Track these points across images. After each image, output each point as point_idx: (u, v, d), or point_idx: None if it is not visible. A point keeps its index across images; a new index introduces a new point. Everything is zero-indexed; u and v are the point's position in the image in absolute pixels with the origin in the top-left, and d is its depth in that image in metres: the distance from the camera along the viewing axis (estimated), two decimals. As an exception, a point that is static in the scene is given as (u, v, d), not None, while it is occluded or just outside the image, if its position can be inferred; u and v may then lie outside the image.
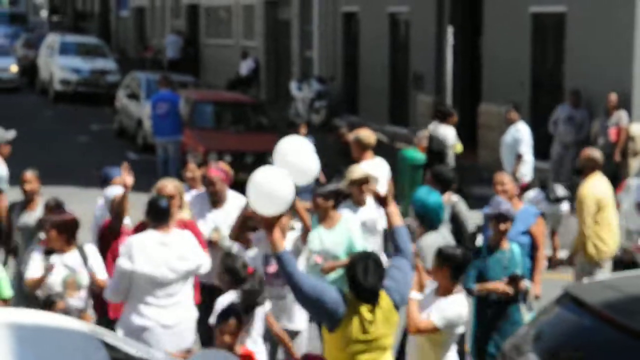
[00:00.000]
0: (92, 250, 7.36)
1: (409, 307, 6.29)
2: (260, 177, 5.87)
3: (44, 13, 45.98)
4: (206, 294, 7.62)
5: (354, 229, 7.88)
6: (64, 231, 7.17)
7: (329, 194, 7.95)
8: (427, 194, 7.70)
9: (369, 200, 8.38)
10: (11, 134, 12.08)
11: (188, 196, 8.36)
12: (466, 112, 18.28)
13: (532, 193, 11.03)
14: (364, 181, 8.36)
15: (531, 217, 8.37)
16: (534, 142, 15.27)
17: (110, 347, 5.23)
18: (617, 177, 13.79)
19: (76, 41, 31.00)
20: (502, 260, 7.45)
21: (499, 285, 7.32)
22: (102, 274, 7.24)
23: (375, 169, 10.09)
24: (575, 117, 15.20)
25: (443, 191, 8.29)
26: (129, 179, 7.66)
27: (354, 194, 8.42)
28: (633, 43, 14.72)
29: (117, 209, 7.79)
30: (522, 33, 17.23)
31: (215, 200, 8.32)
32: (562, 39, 16.35)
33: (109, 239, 7.73)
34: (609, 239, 9.03)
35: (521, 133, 13.74)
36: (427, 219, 7.58)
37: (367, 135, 10.50)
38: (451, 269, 6.37)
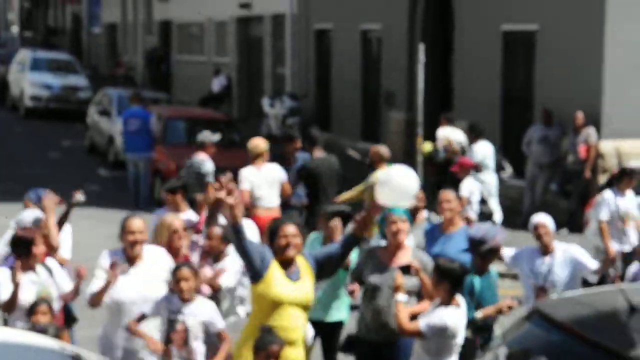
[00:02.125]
0: (54, 264, 7.33)
1: (396, 308, 6.63)
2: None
3: (15, 29, 45.71)
4: None
5: None
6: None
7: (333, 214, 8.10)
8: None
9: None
10: (216, 137, 12.92)
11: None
12: (437, 129, 18.36)
13: None
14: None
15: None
16: (510, 158, 15.44)
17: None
18: (587, 194, 13.89)
19: (47, 57, 30.91)
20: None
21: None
22: (68, 286, 7.20)
23: (267, 174, 11.34)
24: (549, 137, 15.24)
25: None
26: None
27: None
28: (602, 61, 14.83)
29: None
30: (493, 51, 17.32)
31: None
32: (533, 57, 16.45)
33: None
34: None
35: (474, 154, 13.83)
36: None
37: (255, 144, 11.49)
38: (450, 283, 6.55)
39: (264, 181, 11.49)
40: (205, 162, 12.67)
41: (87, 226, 7.81)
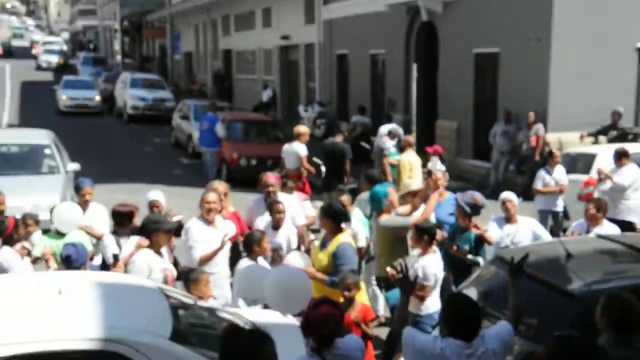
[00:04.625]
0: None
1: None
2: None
3: (118, 57, 46.01)
4: None
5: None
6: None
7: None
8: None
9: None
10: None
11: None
12: (427, 126, 18.37)
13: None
14: (416, 193, 7.81)
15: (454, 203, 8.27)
16: (477, 148, 15.35)
17: (169, 297, 5.23)
18: (536, 172, 13.91)
19: (142, 77, 31.07)
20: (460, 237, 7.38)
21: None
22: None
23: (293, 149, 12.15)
24: (509, 131, 15.20)
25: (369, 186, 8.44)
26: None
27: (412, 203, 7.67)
28: (548, 74, 14.75)
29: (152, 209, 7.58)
30: (467, 68, 17.25)
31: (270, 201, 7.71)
32: (497, 72, 16.38)
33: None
34: None
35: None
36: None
37: (296, 127, 12.49)
38: (427, 237, 6.45)
39: (290, 153, 12.42)
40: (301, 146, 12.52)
41: (175, 200, 7.82)
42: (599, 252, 6.12)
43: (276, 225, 7.44)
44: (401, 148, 12.32)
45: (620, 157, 10.34)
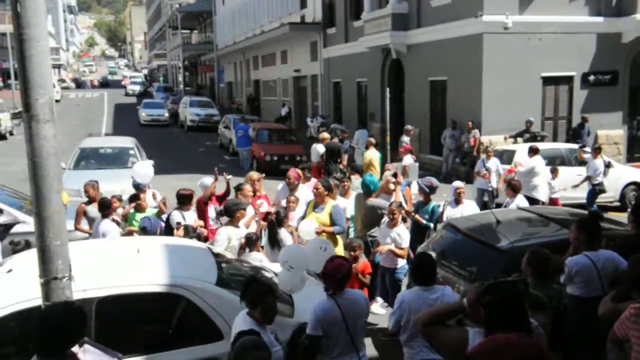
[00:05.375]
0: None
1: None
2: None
3: (181, 86, 45.85)
4: None
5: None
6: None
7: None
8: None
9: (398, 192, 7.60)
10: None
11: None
12: (397, 132, 18.23)
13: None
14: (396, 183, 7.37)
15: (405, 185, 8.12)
16: (433, 147, 15.21)
17: (215, 254, 5.15)
18: (473, 163, 13.78)
19: (198, 99, 30.88)
20: (422, 209, 7.24)
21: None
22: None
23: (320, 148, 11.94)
24: (455, 135, 15.09)
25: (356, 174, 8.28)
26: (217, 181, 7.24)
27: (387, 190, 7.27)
28: (481, 93, 14.59)
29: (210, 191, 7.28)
30: (424, 90, 17.07)
31: (292, 188, 7.38)
32: (445, 93, 16.20)
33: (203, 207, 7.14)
34: None
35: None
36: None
37: (322, 134, 12.89)
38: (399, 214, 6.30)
39: (314, 151, 12.91)
40: (322, 147, 12.87)
41: (220, 184, 7.68)
42: (520, 219, 6.02)
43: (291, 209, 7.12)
44: (366, 146, 12.36)
45: (532, 152, 10.25)
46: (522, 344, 2.48)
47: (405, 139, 14.39)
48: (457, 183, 7.70)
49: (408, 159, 10.85)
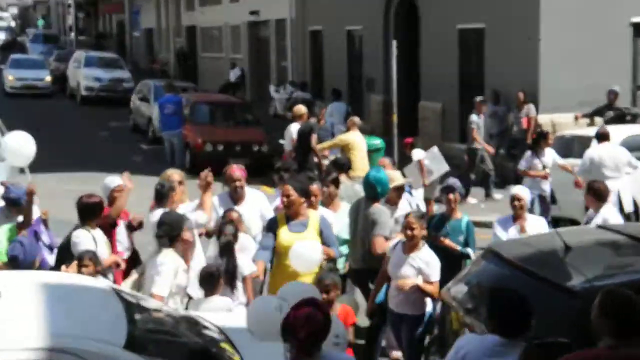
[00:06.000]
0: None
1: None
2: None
3: (72, 34, 45.41)
4: None
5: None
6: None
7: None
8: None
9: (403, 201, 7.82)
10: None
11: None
12: (408, 108, 18.27)
13: None
14: (401, 188, 7.74)
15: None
16: (464, 131, 15.30)
17: (126, 300, 5.09)
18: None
19: (98, 56, 30.67)
20: (447, 226, 7.27)
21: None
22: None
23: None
24: (498, 112, 15.20)
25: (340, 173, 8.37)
26: (130, 184, 7.28)
27: (391, 197, 7.55)
28: (538, 50, 14.74)
29: (115, 201, 7.18)
30: (450, 45, 17.17)
31: (237, 197, 7.41)
32: (482, 49, 16.32)
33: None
34: None
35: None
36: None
37: (297, 107, 13.26)
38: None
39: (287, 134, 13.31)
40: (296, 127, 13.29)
41: (134, 191, 7.58)
42: (600, 244, 6.04)
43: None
44: (347, 128, 12.79)
45: (601, 138, 10.46)
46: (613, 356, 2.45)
47: (476, 119, 13.98)
48: (518, 190, 7.61)
49: (419, 153, 10.84)
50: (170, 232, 6.08)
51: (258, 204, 7.48)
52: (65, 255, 6.45)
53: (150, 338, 4.77)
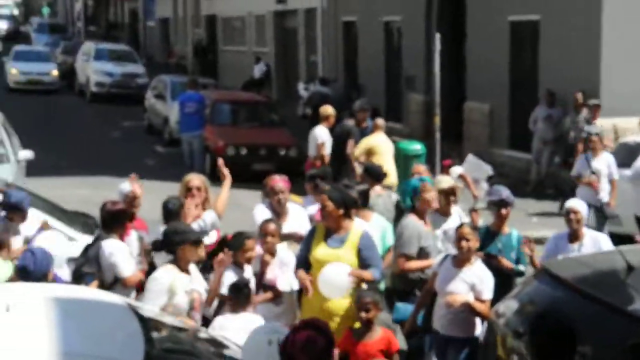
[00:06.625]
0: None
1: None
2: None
3: (80, 23, 45.97)
4: None
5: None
6: None
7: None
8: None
9: (454, 210, 7.80)
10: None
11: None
12: (452, 109, 18.29)
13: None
14: (451, 192, 7.68)
15: None
16: (514, 136, 15.26)
17: (143, 318, 5.16)
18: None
19: (109, 48, 30.98)
20: (498, 243, 7.24)
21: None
22: None
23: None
24: (553, 116, 15.16)
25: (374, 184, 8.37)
26: (139, 190, 7.48)
27: (440, 204, 7.58)
28: (599, 46, 14.66)
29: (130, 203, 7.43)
30: (501, 39, 17.15)
31: (280, 211, 7.48)
32: (537, 44, 16.28)
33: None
34: None
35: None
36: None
37: (324, 108, 13.27)
38: None
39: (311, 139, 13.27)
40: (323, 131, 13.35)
41: (147, 198, 7.72)
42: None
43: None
44: (372, 131, 12.80)
45: None
46: None
47: (588, 128, 13.40)
48: (574, 204, 7.54)
49: (456, 169, 10.87)
50: (168, 245, 6.19)
51: (302, 220, 7.54)
52: (88, 267, 6.60)
53: (168, 358, 4.84)
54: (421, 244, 7.06)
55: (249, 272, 6.62)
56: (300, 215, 7.64)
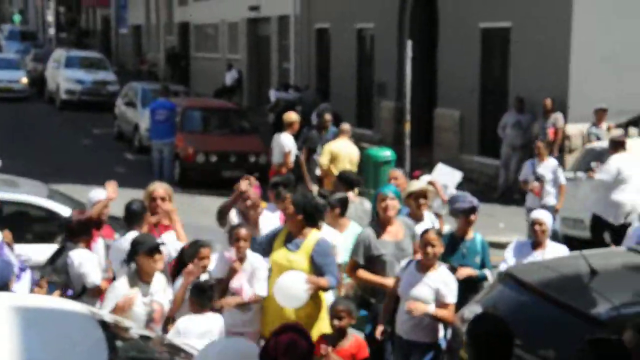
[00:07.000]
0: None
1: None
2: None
3: (51, 31, 45.69)
4: None
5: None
6: None
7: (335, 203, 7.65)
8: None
9: (427, 214, 7.75)
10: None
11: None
12: (423, 115, 18.37)
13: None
14: (421, 195, 7.65)
15: None
16: (484, 142, 15.31)
17: (107, 326, 5.14)
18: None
19: (80, 55, 30.82)
20: (462, 248, 7.20)
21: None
22: None
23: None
24: (522, 122, 15.28)
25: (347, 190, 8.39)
26: (113, 194, 7.41)
27: (411, 208, 7.60)
28: (568, 53, 14.78)
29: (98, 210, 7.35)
30: (472, 46, 17.26)
31: (252, 219, 7.43)
32: (507, 51, 16.38)
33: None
34: None
35: None
36: None
37: (288, 115, 13.18)
38: None
39: (276, 145, 13.11)
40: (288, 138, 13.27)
41: (116, 204, 7.66)
42: (630, 267, 6.10)
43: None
44: (335, 133, 12.81)
45: (614, 146, 10.69)
46: None
47: (596, 131, 13.80)
48: (539, 215, 7.52)
49: (424, 178, 10.83)
50: (129, 255, 6.16)
51: (272, 225, 7.46)
52: (56, 276, 6.53)
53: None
54: (372, 253, 6.91)
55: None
56: (269, 220, 7.59)
